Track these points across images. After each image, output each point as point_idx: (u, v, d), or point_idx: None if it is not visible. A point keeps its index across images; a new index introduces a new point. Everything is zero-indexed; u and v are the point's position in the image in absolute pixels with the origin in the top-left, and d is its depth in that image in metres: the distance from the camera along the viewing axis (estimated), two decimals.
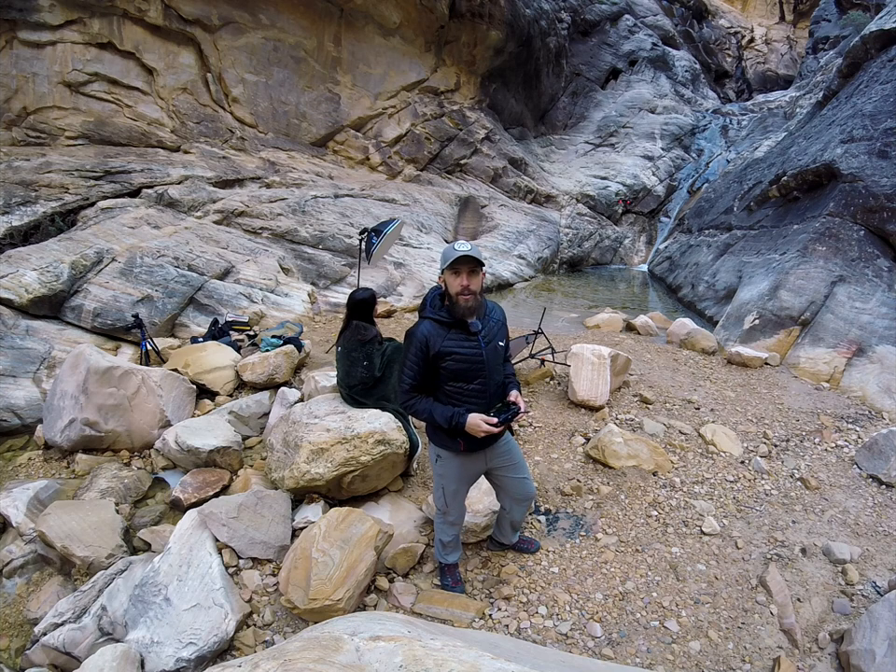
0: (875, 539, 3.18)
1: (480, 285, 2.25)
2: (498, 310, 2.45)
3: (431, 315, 2.29)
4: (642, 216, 14.63)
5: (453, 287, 2.21)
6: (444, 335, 2.25)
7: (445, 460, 2.49)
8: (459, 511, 2.68)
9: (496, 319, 2.39)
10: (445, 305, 2.28)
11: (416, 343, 2.26)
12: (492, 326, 2.35)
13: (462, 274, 2.17)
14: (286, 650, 1.18)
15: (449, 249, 2.20)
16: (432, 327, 2.27)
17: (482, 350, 2.28)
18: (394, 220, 5.95)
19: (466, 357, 2.26)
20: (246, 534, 2.96)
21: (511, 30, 12.35)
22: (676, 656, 2.49)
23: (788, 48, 25.33)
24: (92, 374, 3.97)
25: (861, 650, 2.37)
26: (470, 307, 2.22)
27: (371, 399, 3.54)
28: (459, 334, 2.27)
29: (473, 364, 2.28)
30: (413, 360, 2.28)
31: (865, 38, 8.44)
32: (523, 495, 2.68)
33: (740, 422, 4.35)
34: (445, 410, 2.29)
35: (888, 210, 6.03)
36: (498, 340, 2.36)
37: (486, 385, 2.32)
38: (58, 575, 3.13)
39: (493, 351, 2.33)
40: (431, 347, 2.24)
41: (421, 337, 2.25)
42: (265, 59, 10.07)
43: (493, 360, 2.33)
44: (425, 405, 2.32)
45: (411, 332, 2.30)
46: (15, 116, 8.26)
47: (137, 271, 6.31)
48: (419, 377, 2.30)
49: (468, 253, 2.14)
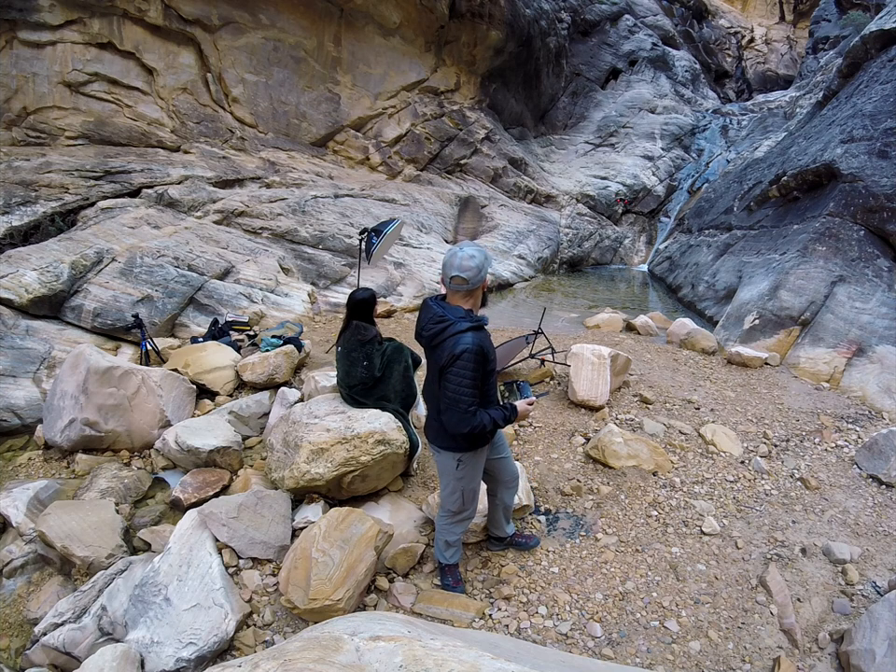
0: (875, 539, 3.18)
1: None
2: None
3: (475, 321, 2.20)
4: (642, 216, 14.62)
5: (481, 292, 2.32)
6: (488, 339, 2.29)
7: (467, 462, 2.47)
8: (474, 506, 2.71)
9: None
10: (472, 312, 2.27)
11: (477, 357, 2.13)
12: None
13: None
14: (286, 650, 1.18)
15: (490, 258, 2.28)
16: (484, 335, 2.24)
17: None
18: (394, 220, 5.95)
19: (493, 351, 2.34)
20: (246, 534, 2.96)
21: (511, 30, 12.34)
22: (676, 656, 2.49)
23: (788, 48, 25.32)
24: (92, 374, 3.97)
25: (861, 650, 2.37)
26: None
27: (371, 399, 3.54)
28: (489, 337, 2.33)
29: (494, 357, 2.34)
30: (473, 376, 2.15)
31: (865, 38, 8.44)
32: (511, 474, 2.77)
33: (740, 422, 4.35)
34: (495, 412, 2.30)
35: (888, 210, 6.03)
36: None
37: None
38: (58, 575, 3.12)
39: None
40: (488, 355, 2.23)
41: (482, 350, 2.15)
42: (265, 59, 10.07)
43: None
44: (484, 417, 2.23)
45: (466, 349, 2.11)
46: (15, 116, 8.26)
47: (137, 271, 6.31)
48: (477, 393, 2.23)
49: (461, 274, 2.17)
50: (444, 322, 2.18)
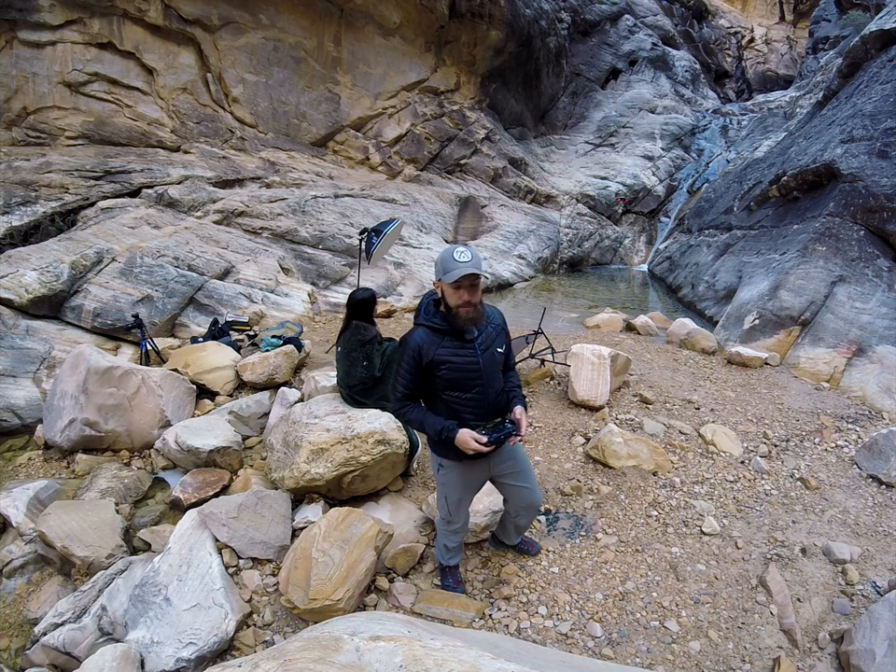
0: (875, 539, 3.18)
1: (480, 293, 2.14)
2: (498, 314, 2.33)
3: (425, 321, 2.19)
4: (642, 216, 14.63)
5: (451, 300, 2.08)
6: (438, 343, 2.15)
7: (447, 469, 2.42)
8: (464, 519, 2.63)
9: (494, 325, 2.27)
10: (440, 311, 2.17)
11: (409, 352, 2.17)
12: (490, 332, 2.24)
13: (463, 288, 2.04)
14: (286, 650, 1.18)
15: (448, 259, 2.02)
16: (426, 334, 2.16)
17: (478, 358, 2.18)
18: (394, 220, 5.95)
19: (461, 365, 2.17)
20: (246, 534, 2.96)
21: (511, 30, 12.34)
22: (676, 656, 2.49)
23: (788, 48, 25.33)
24: (92, 374, 3.97)
25: (861, 650, 2.37)
26: (471, 318, 2.11)
27: (371, 399, 3.54)
28: (454, 342, 2.16)
29: (469, 373, 2.18)
30: (405, 369, 2.19)
31: (865, 38, 8.44)
32: (527, 503, 2.59)
33: (740, 422, 4.35)
34: (437, 422, 2.19)
35: (888, 210, 6.03)
36: (497, 346, 2.25)
37: (484, 394, 2.23)
38: (58, 575, 3.13)
39: (490, 358, 2.21)
40: (424, 356, 2.14)
41: (414, 345, 2.16)
42: (265, 59, 10.07)
43: (490, 368, 2.22)
44: (417, 414, 2.24)
45: (404, 340, 2.22)
46: (15, 116, 8.26)
47: (137, 271, 6.31)
48: (412, 385, 2.22)
49: (471, 270, 1.97)
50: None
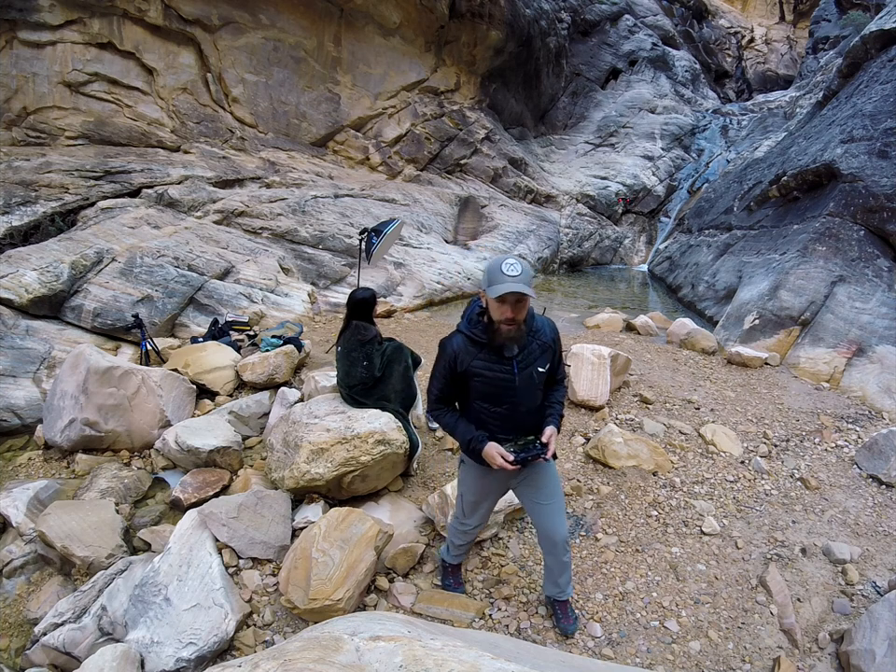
0: (875, 539, 3.18)
1: (526, 311, 2.05)
2: (549, 329, 2.20)
3: (465, 330, 2.13)
4: (642, 216, 14.63)
5: (494, 313, 2.00)
6: (475, 354, 2.09)
7: (468, 467, 2.38)
8: (478, 522, 2.56)
9: (541, 341, 2.14)
10: (483, 321, 2.09)
11: (445, 358, 2.15)
12: (533, 349, 2.12)
13: (507, 304, 1.94)
14: (286, 650, 1.18)
15: (496, 270, 1.92)
16: (464, 343, 2.11)
17: (514, 377, 2.10)
18: (394, 220, 5.95)
19: (494, 381, 2.11)
20: (246, 534, 2.96)
21: (511, 30, 12.34)
22: (676, 656, 2.49)
23: (788, 48, 25.33)
24: (92, 374, 3.97)
25: (861, 650, 2.37)
26: (512, 337, 2.03)
27: (371, 399, 3.54)
28: (491, 356, 2.09)
29: (502, 389, 2.12)
30: (441, 373, 2.18)
31: (865, 38, 8.44)
32: (544, 533, 2.39)
33: (740, 422, 4.35)
34: (467, 431, 2.17)
35: (888, 210, 6.03)
36: (539, 365, 2.14)
37: (514, 411, 2.16)
38: (58, 575, 3.12)
39: (527, 377, 2.12)
40: (459, 365, 2.11)
41: (451, 352, 2.13)
42: (265, 59, 10.07)
43: (526, 387, 2.14)
44: (449, 419, 2.23)
45: (442, 344, 2.18)
46: (15, 116, 8.26)
47: (137, 271, 6.31)
48: (447, 390, 2.21)
49: (516, 288, 1.87)
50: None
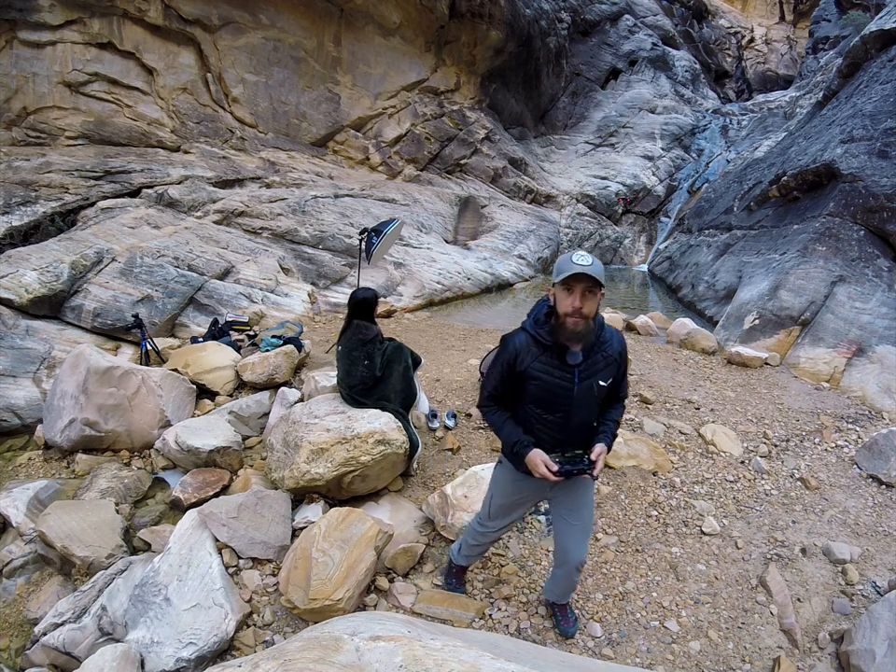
0: (875, 539, 3.18)
1: (596, 308, 1.93)
2: (617, 343, 2.06)
3: (530, 328, 2.03)
4: (642, 216, 14.63)
5: (562, 306, 1.89)
6: (536, 355, 1.99)
7: (503, 467, 2.30)
8: (499, 527, 2.45)
9: (606, 354, 2.02)
10: (549, 322, 1.99)
11: (506, 355, 2.05)
12: (597, 360, 2.01)
13: (575, 293, 1.85)
14: (286, 650, 1.18)
15: (565, 260, 1.86)
16: (527, 342, 2.01)
17: (573, 386, 1.99)
18: (394, 220, 5.95)
19: (552, 387, 2.00)
20: (246, 534, 2.96)
21: (511, 30, 12.34)
22: (676, 656, 2.49)
23: (788, 48, 25.33)
24: (92, 374, 3.97)
25: (861, 650, 2.37)
26: (578, 332, 1.90)
27: (371, 399, 3.54)
28: (552, 360, 1.98)
29: (558, 397, 2.01)
30: (498, 370, 2.08)
31: (865, 38, 8.44)
32: (565, 547, 2.31)
33: (740, 422, 4.35)
34: (513, 433, 2.08)
35: (888, 210, 6.03)
36: (600, 378, 2.02)
37: (567, 422, 2.04)
38: (58, 575, 3.12)
39: (587, 389, 2.00)
40: (518, 364, 2.01)
41: (512, 349, 2.03)
42: (265, 59, 10.07)
43: (584, 398, 2.02)
44: (498, 418, 2.14)
45: (504, 340, 2.09)
46: (15, 116, 8.26)
47: (137, 271, 6.31)
48: (501, 387, 2.10)
49: (585, 270, 1.80)
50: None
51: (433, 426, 4.07)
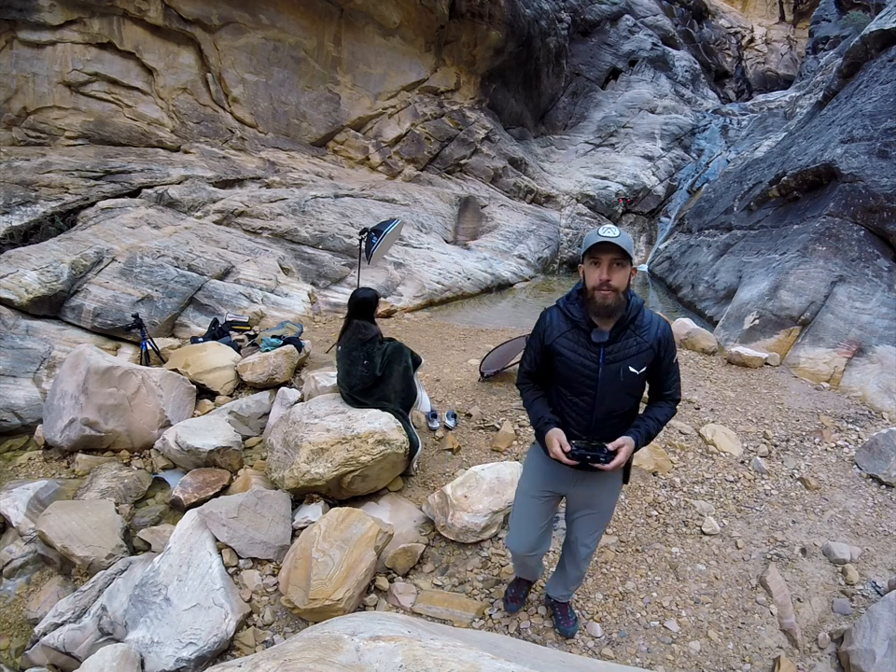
0: (875, 539, 3.18)
1: (626, 282, 1.83)
2: (656, 328, 1.92)
3: (561, 304, 1.99)
4: (642, 216, 14.62)
5: (590, 280, 1.83)
6: (563, 331, 1.95)
7: (535, 450, 2.22)
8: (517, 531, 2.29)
9: (641, 338, 1.89)
10: (580, 299, 1.93)
11: (538, 329, 2.03)
12: (629, 344, 1.89)
13: (602, 265, 1.79)
14: (286, 650, 1.18)
15: (592, 234, 1.80)
16: (557, 316, 1.99)
17: (598, 366, 1.89)
18: (394, 220, 5.95)
19: (575, 366, 1.92)
20: (246, 534, 2.96)
21: (511, 30, 12.34)
22: (676, 656, 2.49)
23: (788, 48, 25.33)
24: (92, 374, 3.97)
25: (861, 650, 2.37)
26: (608, 306, 1.81)
27: (371, 399, 3.54)
28: (579, 337, 1.91)
29: (582, 377, 1.92)
30: (533, 345, 2.07)
31: (865, 38, 8.44)
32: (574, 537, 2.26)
33: (740, 422, 4.35)
34: (540, 410, 2.03)
35: (888, 210, 6.03)
36: (631, 364, 1.88)
37: (592, 408, 1.94)
38: (58, 575, 3.12)
39: (614, 374, 1.88)
40: (546, 338, 1.98)
41: (544, 323, 2.01)
42: (265, 59, 10.07)
43: (610, 384, 1.90)
44: (529, 395, 2.10)
45: (541, 314, 2.06)
46: (15, 116, 8.26)
47: (137, 271, 6.31)
48: (535, 363, 2.07)
49: (611, 240, 1.73)
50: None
51: (433, 426, 4.07)
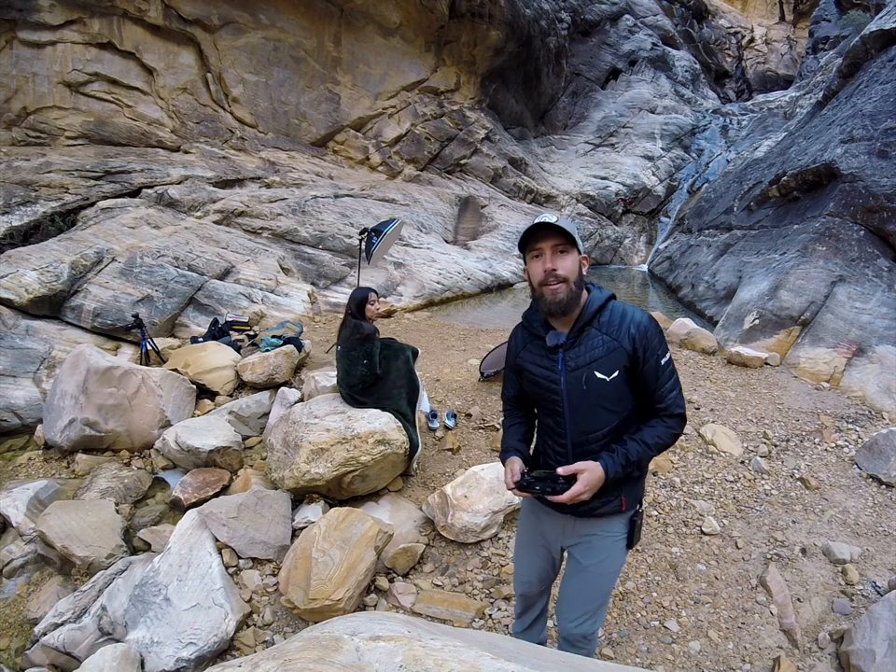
0: (875, 539, 3.18)
1: (577, 271, 1.53)
2: (630, 325, 1.55)
3: (523, 316, 1.73)
4: (642, 216, 14.63)
5: (535, 276, 1.54)
6: (525, 343, 1.69)
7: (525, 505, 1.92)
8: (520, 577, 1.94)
9: (608, 336, 1.54)
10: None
11: (508, 347, 1.78)
12: (594, 344, 1.54)
13: (544, 254, 1.51)
14: (285, 650, 1.18)
15: (527, 227, 1.54)
16: (521, 331, 1.74)
17: (558, 376, 1.57)
18: (394, 220, 5.95)
19: (538, 379, 1.63)
20: (246, 534, 2.96)
21: (511, 30, 12.34)
22: (676, 656, 2.49)
23: (788, 48, 25.34)
24: (92, 374, 3.97)
25: (861, 650, 2.37)
26: (560, 301, 1.51)
27: (371, 399, 3.54)
28: (538, 346, 1.64)
29: (547, 392, 1.62)
30: (508, 364, 1.79)
31: (865, 38, 8.44)
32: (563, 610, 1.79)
33: (740, 422, 4.35)
34: (507, 439, 1.76)
35: (888, 210, 6.03)
36: (597, 369, 1.53)
37: (564, 428, 1.61)
38: (58, 575, 3.13)
39: (577, 382, 1.55)
40: (512, 355, 1.75)
41: (512, 341, 1.76)
42: (265, 59, 10.07)
43: (579, 397, 1.56)
44: (506, 423, 1.83)
45: (513, 330, 1.81)
46: (15, 116, 8.26)
47: (137, 271, 6.31)
48: (511, 385, 1.79)
49: (548, 221, 1.47)
50: None
51: (433, 426, 4.07)
